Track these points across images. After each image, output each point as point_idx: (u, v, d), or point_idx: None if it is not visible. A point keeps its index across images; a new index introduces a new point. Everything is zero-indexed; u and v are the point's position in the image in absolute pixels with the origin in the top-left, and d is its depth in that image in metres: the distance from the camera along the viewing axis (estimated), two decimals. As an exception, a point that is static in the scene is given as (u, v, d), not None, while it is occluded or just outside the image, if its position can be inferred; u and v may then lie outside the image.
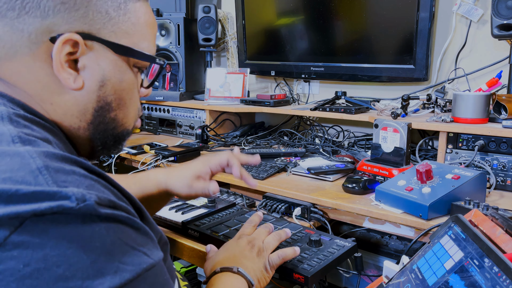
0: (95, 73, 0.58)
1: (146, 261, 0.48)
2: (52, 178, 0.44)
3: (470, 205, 0.94)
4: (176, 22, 2.13)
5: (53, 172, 0.45)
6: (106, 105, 0.60)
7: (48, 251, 0.40)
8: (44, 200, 0.42)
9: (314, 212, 1.18)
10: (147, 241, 0.50)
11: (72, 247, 0.42)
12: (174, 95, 2.11)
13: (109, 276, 0.43)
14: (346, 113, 1.59)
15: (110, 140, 0.64)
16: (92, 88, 0.58)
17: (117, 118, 0.63)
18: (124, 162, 1.80)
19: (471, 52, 1.60)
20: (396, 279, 0.72)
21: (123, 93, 0.62)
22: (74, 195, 0.43)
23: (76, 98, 0.58)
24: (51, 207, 0.41)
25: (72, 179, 0.45)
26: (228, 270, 0.76)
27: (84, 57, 0.57)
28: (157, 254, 0.51)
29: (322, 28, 1.80)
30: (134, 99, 0.65)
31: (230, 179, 1.40)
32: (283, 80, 2.15)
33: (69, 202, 0.42)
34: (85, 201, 0.43)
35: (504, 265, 0.54)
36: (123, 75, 0.61)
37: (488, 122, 1.31)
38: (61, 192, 0.42)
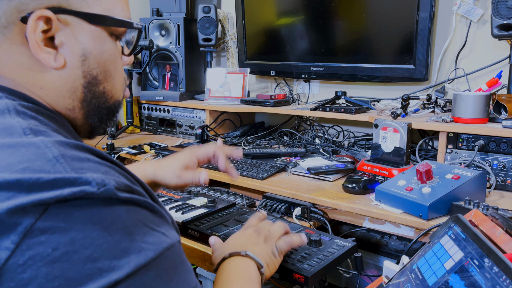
0: (74, 48, 0.56)
1: (166, 241, 0.49)
2: (70, 165, 0.45)
3: (470, 205, 0.94)
4: (176, 22, 2.13)
5: (69, 160, 0.46)
6: (93, 79, 0.59)
7: (75, 234, 0.42)
8: (66, 186, 0.43)
9: (314, 212, 1.18)
10: (163, 222, 0.52)
11: (96, 229, 0.43)
12: (174, 95, 2.11)
13: (134, 255, 0.45)
14: (346, 113, 1.59)
15: (104, 113, 0.64)
16: (75, 63, 0.57)
17: (106, 90, 0.62)
18: (124, 162, 1.80)
19: (471, 52, 1.60)
20: (396, 279, 0.72)
21: (106, 64, 0.61)
22: (94, 180, 0.44)
23: (62, 77, 0.57)
24: (74, 193, 0.42)
25: (88, 166, 0.47)
26: (237, 254, 0.77)
27: (60, 32, 0.55)
28: (174, 234, 0.52)
29: (322, 28, 1.80)
30: (118, 68, 0.64)
31: (230, 179, 1.40)
32: (283, 80, 2.15)
33: (91, 187, 0.43)
34: (105, 186, 0.44)
35: (504, 265, 0.54)
36: (103, 45, 0.59)
37: (488, 122, 1.31)
38: (81, 178, 0.44)
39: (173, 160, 0.96)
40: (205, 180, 0.93)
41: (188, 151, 0.99)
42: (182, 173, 0.93)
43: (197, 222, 1.09)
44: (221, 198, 1.29)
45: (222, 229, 1.05)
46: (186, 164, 0.95)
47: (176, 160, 0.95)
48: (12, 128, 0.49)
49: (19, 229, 0.40)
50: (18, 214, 0.40)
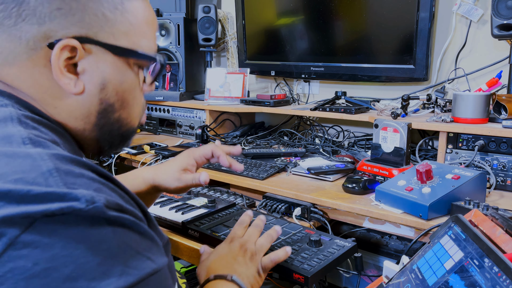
0: (95, 76, 0.58)
1: (150, 266, 0.48)
2: (62, 180, 0.45)
3: (470, 205, 0.94)
4: (176, 22, 2.13)
5: (63, 174, 0.46)
6: (109, 107, 0.61)
7: (57, 251, 0.41)
8: (55, 201, 0.43)
9: (314, 212, 1.18)
10: (152, 246, 0.51)
11: (80, 248, 0.43)
12: (174, 95, 2.11)
13: (114, 278, 0.44)
14: (346, 113, 1.59)
15: (116, 139, 0.65)
16: (93, 91, 0.58)
17: (121, 118, 0.63)
18: (124, 162, 1.80)
19: (471, 52, 1.60)
20: (396, 279, 0.72)
21: (125, 93, 0.62)
22: (84, 197, 0.44)
23: (78, 102, 0.58)
24: (62, 208, 0.42)
25: (81, 181, 0.46)
26: (222, 278, 0.76)
27: (83, 61, 0.57)
28: (161, 259, 0.51)
29: (322, 28, 1.80)
30: (137, 97, 0.65)
31: (230, 179, 1.40)
32: (283, 80, 2.15)
33: (79, 204, 0.43)
34: (94, 203, 0.44)
35: (504, 265, 0.54)
36: (124, 76, 0.61)
37: (488, 122, 1.31)
38: (71, 194, 0.43)
39: (171, 163, 0.96)
40: (206, 180, 0.92)
41: (185, 154, 0.99)
42: (182, 176, 0.94)
43: (197, 222, 1.09)
44: (221, 198, 1.29)
45: (222, 229, 1.05)
46: (185, 167, 0.95)
47: (174, 163, 0.96)
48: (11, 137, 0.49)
49: (3, 240, 0.40)
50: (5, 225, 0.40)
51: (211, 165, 1.50)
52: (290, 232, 1.04)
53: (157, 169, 0.96)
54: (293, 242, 0.98)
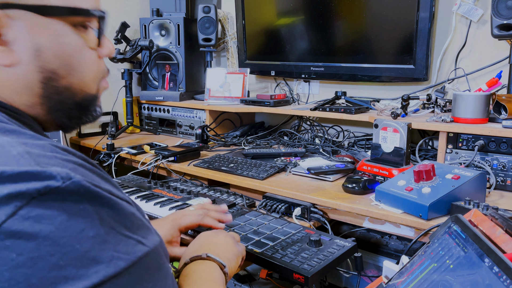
0: (26, 43, 0.53)
1: (140, 249, 0.47)
2: (35, 160, 0.43)
3: (470, 205, 0.94)
4: (176, 22, 2.13)
5: (34, 156, 0.44)
6: (52, 74, 0.55)
7: (41, 241, 0.40)
8: (30, 180, 0.41)
9: (314, 212, 1.18)
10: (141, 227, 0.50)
11: (65, 236, 0.41)
12: (174, 95, 2.11)
13: (103, 265, 0.43)
14: (346, 113, 1.59)
15: (74, 110, 0.60)
16: (28, 59, 0.53)
17: (72, 85, 0.58)
18: (124, 162, 1.80)
19: (471, 52, 1.60)
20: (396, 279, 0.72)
21: (68, 57, 0.56)
22: (58, 174, 0.42)
23: (15, 74, 0.53)
24: (38, 189, 0.41)
25: (55, 162, 0.45)
26: (197, 258, 0.75)
27: (9, 28, 0.51)
28: (152, 240, 0.50)
29: (322, 28, 1.80)
30: (86, 61, 0.59)
31: (230, 179, 1.41)
32: (283, 80, 2.15)
33: (55, 182, 0.42)
34: (71, 179, 0.43)
35: (504, 265, 0.54)
36: (62, 38, 0.55)
37: (488, 122, 1.31)
38: (45, 172, 0.42)
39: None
40: None
41: (169, 224, 0.93)
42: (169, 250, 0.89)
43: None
44: (221, 198, 1.29)
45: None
46: (169, 239, 0.91)
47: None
48: None
49: None
50: None
51: (211, 165, 1.51)
52: (290, 232, 1.04)
53: None
54: (293, 242, 0.98)
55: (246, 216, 1.15)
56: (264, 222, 1.11)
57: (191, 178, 1.56)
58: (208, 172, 1.47)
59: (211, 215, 0.97)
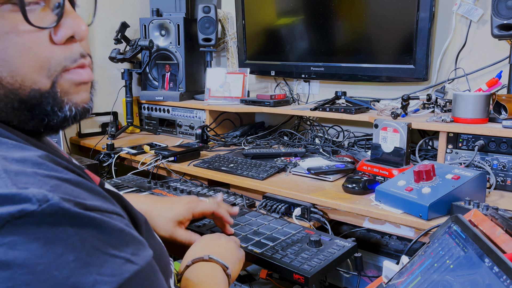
0: None
1: (129, 269, 0.43)
2: (12, 180, 0.40)
3: (470, 205, 0.94)
4: (176, 22, 2.13)
5: (12, 175, 0.41)
6: None
7: (16, 269, 0.37)
8: (5, 204, 0.38)
9: (314, 212, 1.18)
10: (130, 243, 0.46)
11: (41, 263, 0.38)
12: (174, 95, 2.11)
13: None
14: (346, 113, 1.59)
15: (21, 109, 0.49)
16: None
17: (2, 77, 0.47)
18: (124, 162, 1.80)
19: (471, 52, 1.60)
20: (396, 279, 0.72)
21: None
22: (34, 196, 0.39)
23: None
24: (12, 213, 0.37)
25: (34, 180, 0.41)
26: (199, 260, 0.74)
27: None
28: (143, 256, 0.46)
29: (322, 28, 1.80)
30: (17, 48, 0.47)
31: (230, 179, 1.40)
32: (283, 80, 2.15)
33: (30, 205, 0.38)
34: (48, 201, 0.39)
35: (504, 265, 0.54)
36: None
37: (488, 122, 1.31)
38: (20, 195, 0.38)
39: (168, 210, 0.89)
40: None
41: (186, 206, 0.92)
42: (175, 230, 0.88)
43: (197, 222, 1.09)
44: (221, 198, 1.29)
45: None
46: (180, 220, 0.90)
47: (172, 212, 0.89)
48: None
49: None
50: None
51: (211, 166, 1.50)
52: (290, 232, 1.04)
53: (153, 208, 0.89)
54: (293, 243, 0.98)
55: (246, 216, 1.15)
56: (264, 222, 1.11)
57: (191, 178, 1.56)
58: (208, 172, 1.47)
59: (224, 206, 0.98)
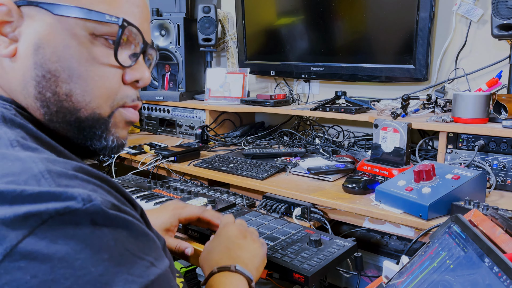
0: (29, 36, 0.51)
1: (153, 272, 0.46)
2: (55, 181, 0.43)
3: (470, 205, 0.94)
4: (176, 22, 2.13)
5: (55, 176, 0.43)
6: (49, 74, 0.52)
7: (56, 263, 0.39)
8: (50, 200, 0.40)
9: (314, 212, 1.18)
10: (154, 248, 0.49)
11: (80, 258, 0.40)
12: (174, 95, 2.11)
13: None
14: (346, 113, 1.59)
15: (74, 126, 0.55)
16: (26, 52, 0.52)
17: (74, 94, 0.53)
18: (124, 162, 1.80)
19: (471, 52, 1.60)
20: (396, 279, 0.72)
21: (72, 62, 0.52)
22: (80, 195, 0.42)
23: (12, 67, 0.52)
24: (57, 209, 0.40)
25: (75, 183, 0.44)
26: (226, 270, 0.74)
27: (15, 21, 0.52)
28: (163, 262, 0.49)
29: (322, 28, 1.80)
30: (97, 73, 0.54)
31: (230, 179, 1.40)
32: (283, 80, 2.14)
33: (75, 203, 0.41)
34: (92, 201, 0.42)
35: (504, 265, 0.54)
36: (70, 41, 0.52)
37: (488, 122, 1.31)
38: (66, 193, 0.41)
39: (155, 219, 0.89)
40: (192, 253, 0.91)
41: (170, 212, 0.93)
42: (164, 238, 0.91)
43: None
44: (221, 198, 1.29)
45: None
46: (168, 227, 0.91)
47: (158, 221, 0.90)
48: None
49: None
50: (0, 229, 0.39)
51: (211, 166, 1.50)
52: (290, 232, 1.04)
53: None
54: (293, 242, 0.98)
55: (246, 216, 1.15)
56: (264, 222, 1.11)
57: (191, 178, 1.56)
58: (208, 172, 1.47)
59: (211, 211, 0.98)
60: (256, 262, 0.79)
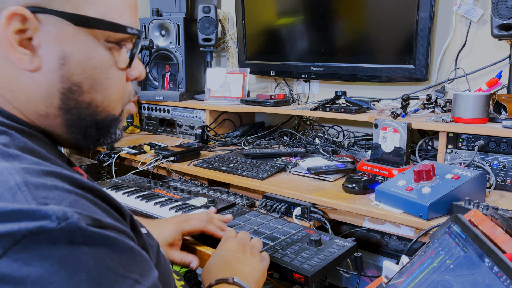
0: (53, 50, 0.51)
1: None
2: (32, 194, 0.41)
3: (470, 205, 0.94)
4: (176, 22, 2.13)
5: (32, 188, 0.42)
6: (75, 87, 0.53)
7: (29, 286, 0.37)
8: (24, 219, 0.39)
9: (314, 212, 1.18)
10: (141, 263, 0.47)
11: (55, 281, 0.38)
12: (174, 95, 2.11)
13: None
14: (346, 113, 1.59)
15: (91, 128, 0.57)
16: (52, 67, 0.51)
17: (95, 101, 0.55)
18: (124, 162, 1.80)
19: (471, 52, 1.60)
20: (396, 279, 0.72)
21: (95, 72, 0.54)
22: (54, 213, 0.39)
23: (36, 81, 0.52)
24: (29, 229, 0.38)
25: (54, 194, 0.42)
26: (224, 282, 0.73)
27: (38, 33, 0.50)
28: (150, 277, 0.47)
29: (322, 28, 1.80)
30: (114, 79, 0.57)
31: (230, 179, 1.40)
32: (283, 80, 2.15)
33: (49, 222, 0.39)
34: (67, 219, 0.40)
35: (504, 265, 0.54)
36: (92, 51, 0.53)
37: (488, 122, 1.31)
38: (40, 211, 0.39)
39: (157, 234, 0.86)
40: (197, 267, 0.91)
41: (173, 226, 0.93)
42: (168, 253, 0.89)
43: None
44: (221, 198, 1.29)
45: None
46: (171, 242, 0.91)
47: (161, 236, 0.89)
48: None
49: None
50: None
51: (211, 165, 1.51)
52: (290, 232, 1.04)
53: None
54: (293, 242, 0.98)
55: (246, 216, 1.15)
56: (264, 222, 1.11)
57: (191, 178, 1.56)
58: (208, 172, 1.47)
59: (215, 222, 0.97)
60: (255, 275, 0.78)
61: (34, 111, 0.53)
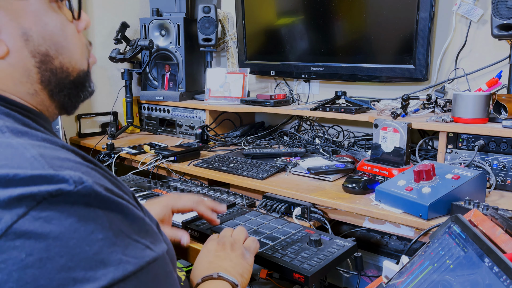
0: (13, 30, 0.52)
1: (149, 254, 0.48)
2: (48, 163, 0.44)
3: (470, 205, 0.94)
4: (176, 22, 2.13)
5: (48, 158, 0.44)
6: (44, 57, 0.55)
7: (51, 242, 0.40)
8: (43, 183, 0.41)
9: (314, 212, 1.18)
10: (150, 233, 0.50)
11: (74, 237, 0.42)
12: (174, 95, 2.11)
13: (112, 267, 0.43)
14: (346, 113, 1.59)
15: (71, 88, 0.60)
16: (19, 46, 0.53)
17: (64, 64, 0.58)
18: (124, 162, 1.80)
19: (471, 52, 1.60)
20: (396, 279, 0.72)
21: (54, 36, 0.55)
22: (71, 178, 0.43)
23: (12, 64, 0.53)
24: (49, 191, 0.41)
25: (68, 165, 0.45)
26: (209, 278, 0.75)
27: None
28: (160, 247, 0.50)
29: (322, 28, 1.80)
30: (70, 37, 0.58)
31: (230, 179, 1.40)
32: (283, 80, 2.15)
33: (67, 185, 0.42)
34: (83, 183, 0.43)
35: (504, 265, 0.54)
36: (44, 18, 0.54)
37: (488, 122, 1.31)
38: (58, 176, 0.42)
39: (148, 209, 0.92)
40: (187, 243, 0.92)
41: (164, 204, 0.94)
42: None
43: (197, 222, 1.09)
44: (221, 198, 1.29)
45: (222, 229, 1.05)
46: (161, 218, 0.92)
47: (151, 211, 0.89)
48: None
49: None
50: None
51: (211, 165, 1.51)
52: (290, 232, 1.04)
53: None
54: (293, 242, 0.98)
55: (246, 216, 1.15)
56: (264, 222, 1.11)
57: (191, 178, 1.56)
58: (208, 172, 1.47)
59: (206, 203, 0.98)
60: (239, 269, 0.79)
61: (25, 92, 0.55)
